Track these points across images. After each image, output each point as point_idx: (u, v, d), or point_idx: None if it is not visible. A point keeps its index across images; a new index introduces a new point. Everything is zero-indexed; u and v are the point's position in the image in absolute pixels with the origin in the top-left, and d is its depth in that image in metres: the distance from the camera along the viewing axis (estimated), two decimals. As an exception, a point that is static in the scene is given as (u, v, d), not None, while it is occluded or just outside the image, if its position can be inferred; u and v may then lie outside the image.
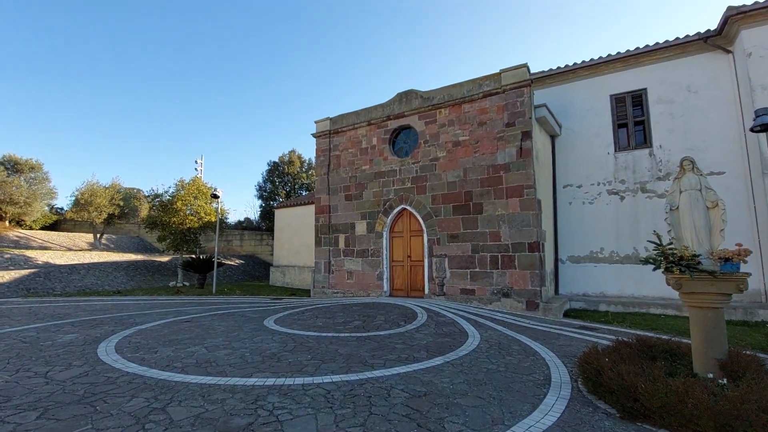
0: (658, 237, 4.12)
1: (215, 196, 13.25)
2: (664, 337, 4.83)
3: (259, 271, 21.17)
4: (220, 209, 17.00)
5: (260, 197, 25.19)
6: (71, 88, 54.05)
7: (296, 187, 24.55)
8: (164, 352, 5.36)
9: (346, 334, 6.60)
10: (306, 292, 14.04)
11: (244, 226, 25.44)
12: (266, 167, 25.14)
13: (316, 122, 13.24)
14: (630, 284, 9.88)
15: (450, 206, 10.20)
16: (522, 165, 9.21)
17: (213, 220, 16.26)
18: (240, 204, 54.80)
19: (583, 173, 10.71)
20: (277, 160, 25.01)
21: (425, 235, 10.54)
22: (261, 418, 3.18)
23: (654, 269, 3.98)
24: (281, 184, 24.76)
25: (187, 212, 15.84)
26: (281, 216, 17.40)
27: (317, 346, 5.76)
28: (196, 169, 24.60)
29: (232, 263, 20.68)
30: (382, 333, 6.70)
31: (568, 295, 10.44)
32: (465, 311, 8.72)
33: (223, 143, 61.90)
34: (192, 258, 14.65)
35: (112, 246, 22.63)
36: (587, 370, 3.82)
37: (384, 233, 11.27)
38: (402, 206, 11.04)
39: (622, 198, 10.17)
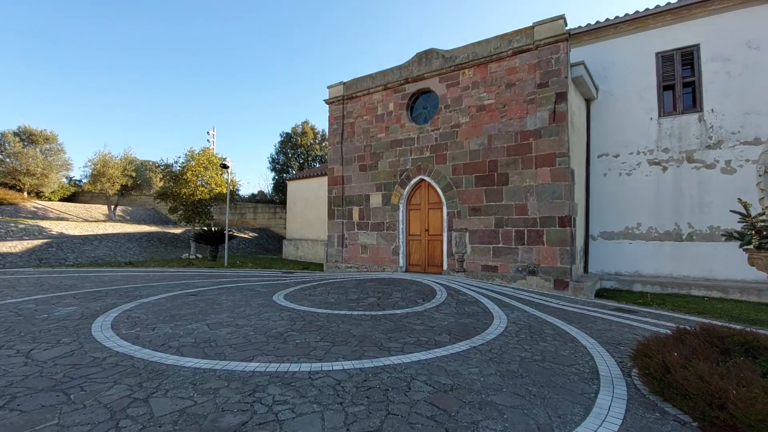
0: (745, 207, 3.34)
1: (225, 167, 12.73)
2: (735, 326, 4.12)
3: (272, 245, 20.93)
4: (231, 180, 16.54)
5: (273, 169, 24.69)
6: (82, 61, 53.75)
7: (309, 159, 23.87)
8: (162, 329, 4.94)
9: (360, 312, 6.08)
10: (319, 266, 13.63)
11: (258, 198, 25.10)
12: (279, 138, 24.51)
13: (328, 87, 12.41)
14: (668, 263, 9.06)
15: (472, 177, 9.42)
16: (555, 131, 8.30)
17: (224, 191, 15.84)
18: (253, 177, 54.56)
19: (621, 141, 9.71)
20: (289, 131, 24.30)
21: (444, 208, 9.84)
22: (257, 416, 2.67)
23: (741, 246, 3.21)
24: (294, 156, 24.10)
25: (198, 183, 15.44)
26: (294, 188, 16.87)
27: (328, 325, 5.25)
28: (208, 140, 24.15)
29: (245, 236, 20.47)
30: (398, 312, 6.16)
31: (598, 273, 9.69)
32: (487, 289, 8.10)
33: (236, 115, 61.15)
34: (204, 230, 14.33)
35: (128, 218, 22.67)
36: (649, 365, 3.16)
37: (400, 206, 10.61)
38: (420, 177, 10.30)
39: (665, 169, 9.19)
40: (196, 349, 4.13)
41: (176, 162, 16.08)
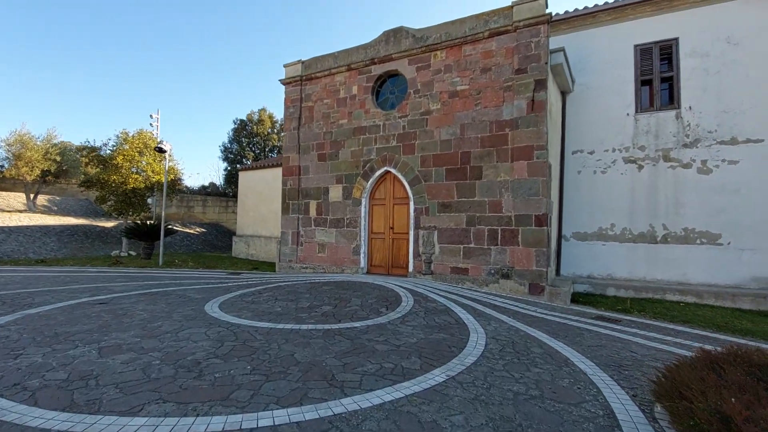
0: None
1: (161, 150, 11.04)
2: (763, 345, 3.45)
3: (222, 241, 19.14)
4: (171, 168, 14.73)
5: (225, 159, 22.66)
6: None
7: (266, 149, 22.14)
8: (30, 356, 3.58)
9: (310, 326, 4.96)
10: (271, 266, 12.28)
11: (208, 191, 23.07)
12: (232, 126, 22.53)
13: (285, 66, 11.09)
14: (642, 266, 8.66)
15: (443, 169, 8.54)
16: (533, 121, 7.58)
17: (163, 180, 14.03)
18: (204, 167, 50.72)
19: (596, 137, 9.23)
20: (244, 118, 22.40)
21: (411, 204, 8.90)
22: None
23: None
24: (249, 145, 22.25)
25: (132, 170, 13.53)
26: (246, 180, 15.32)
27: (266, 346, 4.11)
28: (151, 125, 21.72)
29: (191, 231, 18.55)
30: (357, 325, 5.11)
31: (571, 276, 9.16)
32: (458, 294, 7.25)
33: (186, 99, 56.66)
34: (136, 223, 12.49)
35: (55, 208, 19.91)
36: (693, 414, 2.32)
37: (362, 200, 9.56)
38: (385, 168, 9.30)
39: (641, 167, 8.79)
40: (61, 394, 2.86)
41: (105, 145, 14.02)
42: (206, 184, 24.46)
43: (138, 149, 13.76)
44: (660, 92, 8.85)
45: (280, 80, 11.07)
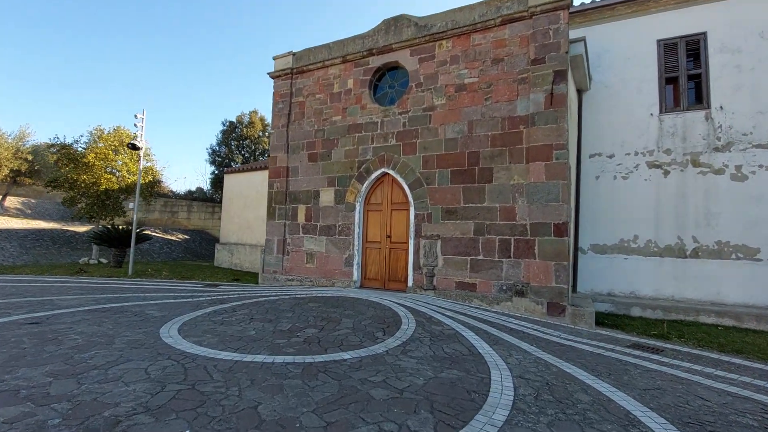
0: None
1: (134, 147, 9.94)
2: None
3: (206, 249, 17.95)
4: (151, 169, 13.62)
5: (212, 162, 21.51)
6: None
7: (257, 153, 21.08)
8: None
9: (287, 359, 3.90)
10: (255, 277, 11.16)
11: (194, 196, 21.91)
12: (221, 128, 21.44)
13: (275, 59, 10.16)
14: (669, 283, 7.72)
15: (447, 171, 7.58)
16: (552, 117, 6.68)
17: (142, 181, 12.92)
18: (191, 172, 49.07)
19: (616, 140, 8.36)
20: (234, 120, 21.37)
21: (412, 209, 7.91)
22: None
23: None
24: (238, 148, 21.15)
25: (106, 170, 12.40)
26: (232, 183, 14.25)
27: (222, 391, 3.04)
28: (135, 125, 20.65)
29: (173, 238, 17.35)
30: (347, 356, 4.06)
31: (588, 293, 8.19)
32: (465, 314, 6.22)
33: (173, 99, 55.17)
34: (106, 228, 11.31)
35: (29, 211, 18.61)
36: None
37: (357, 205, 8.55)
38: (382, 170, 8.32)
39: (667, 173, 7.91)
40: None
41: (77, 142, 12.91)
42: (193, 189, 23.33)
43: (113, 147, 12.67)
44: (687, 91, 8.03)
45: (268, 73, 10.13)
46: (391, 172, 8.23)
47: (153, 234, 16.37)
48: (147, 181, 13.53)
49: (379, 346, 4.48)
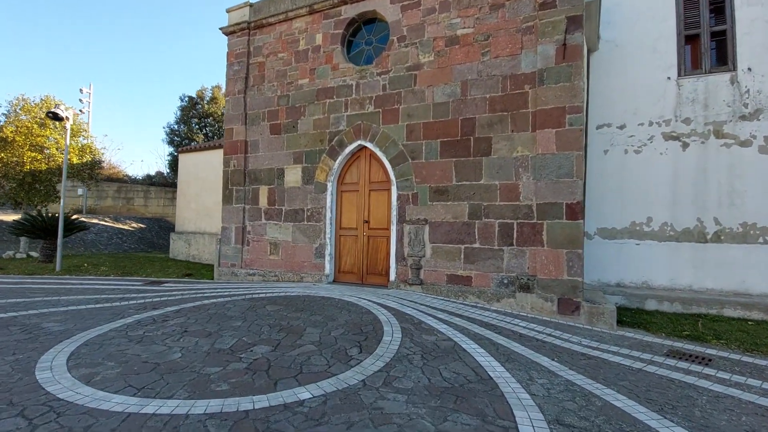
0: None
1: (55, 117, 8.11)
2: None
3: (164, 239, 16.14)
4: (89, 146, 11.71)
5: (171, 143, 19.43)
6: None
7: (221, 131, 19.21)
8: None
9: (212, 405, 2.59)
10: (213, 271, 9.67)
11: (153, 181, 19.86)
12: (179, 104, 19.29)
13: (228, 11, 8.51)
14: (687, 271, 6.79)
15: (437, 143, 6.31)
16: (565, 73, 5.47)
17: (77, 161, 11.07)
18: (149, 154, 45.70)
19: (628, 108, 7.27)
20: (194, 95, 19.25)
21: (394, 189, 6.62)
22: None
23: None
24: (200, 126, 19.12)
25: (33, 147, 10.47)
26: (189, 163, 12.53)
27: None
28: (81, 101, 18.39)
29: (126, 227, 15.48)
30: (305, 396, 2.78)
31: (596, 284, 7.18)
32: (461, 316, 5.04)
33: (126, 72, 51.09)
34: (31, 216, 9.47)
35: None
36: None
37: (328, 185, 7.19)
38: (359, 143, 6.96)
39: (685, 145, 6.90)
40: None
41: (-8, 112, 10.86)
42: (152, 173, 21.19)
43: (39, 122, 10.70)
44: (709, 51, 6.97)
45: (221, 29, 8.48)
46: (368, 145, 6.88)
47: (99, 222, 14.48)
48: (85, 161, 11.65)
49: (354, 372, 3.22)
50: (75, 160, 11.10)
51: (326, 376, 3.12)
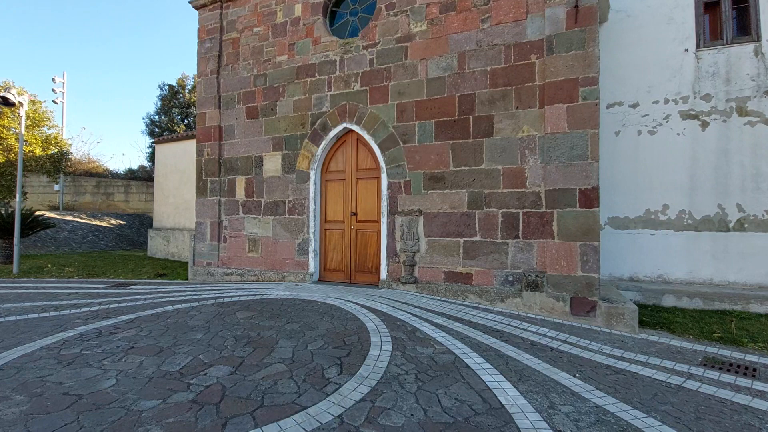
0: None
1: (5, 103, 7.24)
2: None
3: (146, 236, 15.32)
4: (52, 136, 10.81)
5: (151, 134, 18.47)
6: None
7: (204, 123, 18.27)
8: None
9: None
10: (192, 270, 8.93)
11: (135, 175, 18.95)
12: (159, 93, 18.28)
13: (199, -17, 7.66)
14: (707, 263, 6.18)
15: (431, 124, 5.59)
16: (577, 40, 4.76)
17: (39, 152, 10.18)
18: (129, 147, 44.32)
19: (641, 84, 6.59)
20: (174, 84, 18.25)
21: (384, 177, 5.91)
22: None
23: None
24: (182, 116, 18.18)
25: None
26: (166, 154, 11.69)
27: None
28: (54, 90, 17.36)
29: (104, 224, 14.63)
30: (261, 445, 2.08)
31: (607, 278, 6.55)
32: (462, 320, 4.37)
33: (105, 64, 49.26)
34: (-13, 213, 8.64)
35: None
36: None
37: (311, 174, 6.46)
38: (344, 125, 6.22)
39: (705, 125, 6.24)
40: None
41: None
42: (135, 167, 20.26)
43: (-7, 108, 9.80)
44: (731, 19, 6.30)
45: (190, 2, 7.63)
46: (355, 127, 6.15)
47: (74, 219, 13.61)
48: (49, 153, 10.78)
49: (329, 403, 2.53)
50: (38, 152, 10.22)
51: (292, 411, 2.43)
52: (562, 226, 4.78)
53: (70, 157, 12.46)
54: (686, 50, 6.39)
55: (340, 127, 6.25)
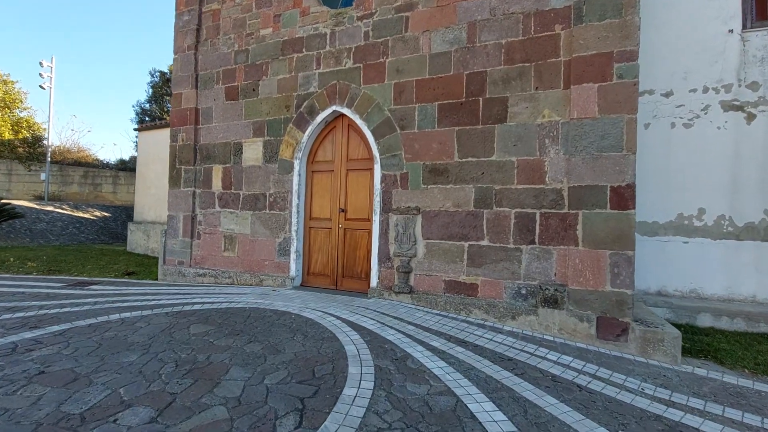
0: None
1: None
2: None
3: (131, 229, 14.58)
4: (27, 120, 10.08)
5: (140, 122, 17.77)
6: None
7: (197, 113, 17.51)
8: None
9: None
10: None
11: (125, 165, 18.20)
12: (149, 80, 17.50)
13: (178, -52, 6.86)
14: (750, 277, 5.34)
15: (434, 107, 4.77)
16: (612, 6, 3.94)
17: (7, 136, 9.44)
18: (121, 137, 43.62)
19: (676, 70, 5.74)
20: (166, 70, 17.45)
21: (378, 169, 5.09)
22: None
23: None
24: (173, 106, 17.43)
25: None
26: (149, 142, 10.94)
27: None
28: (41, 75, 16.58)
29: (87, 216, 13.88)
30: None
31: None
32: (465, 343, 3.56)
33: (99, 52, 48.29)
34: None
35: None
36: None
37: (296, 164, 5.65)
38: (333, 108, 5.41)
39: (751, 117, 5.40)
40: None
41: None
42: (126, 157, 19.52)
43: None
44: (784, -4, 5.44)
45: (167, -31, 6.82)
46: (346, 111, 5.33)
47: (55, 210, 12.87)
48: (21, 137, 10.02)
49: (271, 484, 1.72)
50: (8, 135, 9.47)
51: (213, 500, 1.62)
52: (588, 231, 3.96)
53: (45, 142, 11.66)
54: (730, 31, 5.54)
55: (329, 111, 5.43)
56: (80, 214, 13.71)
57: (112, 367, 2.86)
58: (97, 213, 14.46)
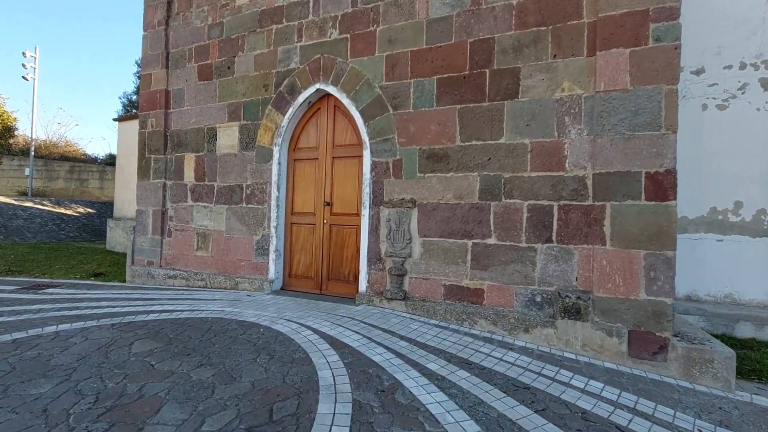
0: None
1: None
2: None
3: (117, 227, 13.91)
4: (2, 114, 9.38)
5: (125, 113, 17.15)
6: None
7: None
8: None
9: None
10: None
11: (113, 160, 17.55)
12: (137, 70, 16.75)
13: None
14: (796, 281, 4.65)
15: (431, 81, 4.07)
16: (649, -47, 3.23)
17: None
18: (109, 131, 42.99)
19: (708, 45, 5.04)
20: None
21: (367, 155, 4.39)
22: None
23: None
24: (161, 97, 16.78)
25: None
26: (128, 133, 10.26)
27: None
28: (24, 65, 15.90)
29: (69, 212, 13.21)
30: None
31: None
32: (470, 364, 2.87)
33: (86, 45, 47.23)
34: None
35: None
36: None
37: (275, 151, 4.96)
38: (317, 86, 4.71)
39: (797, 96, 4.70)
40: None
41: None
42: (115, 152, 18.80)
43: None
44: (836, -44, 4.72)
45: (135, -65, 6.11)
46: (331, 89, 4.63)
47: (34, 206, 12.21)
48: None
49: None
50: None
51: None
52: (617, 227, 3.27)
53: (27, 135, 10.97)
54: (766, 1, 4.83)
55: (312, 89, 4.73)
56: (62, 211, 13.04)
57: (12, 403, 2.19)
58: (81, 209, 13.78)
